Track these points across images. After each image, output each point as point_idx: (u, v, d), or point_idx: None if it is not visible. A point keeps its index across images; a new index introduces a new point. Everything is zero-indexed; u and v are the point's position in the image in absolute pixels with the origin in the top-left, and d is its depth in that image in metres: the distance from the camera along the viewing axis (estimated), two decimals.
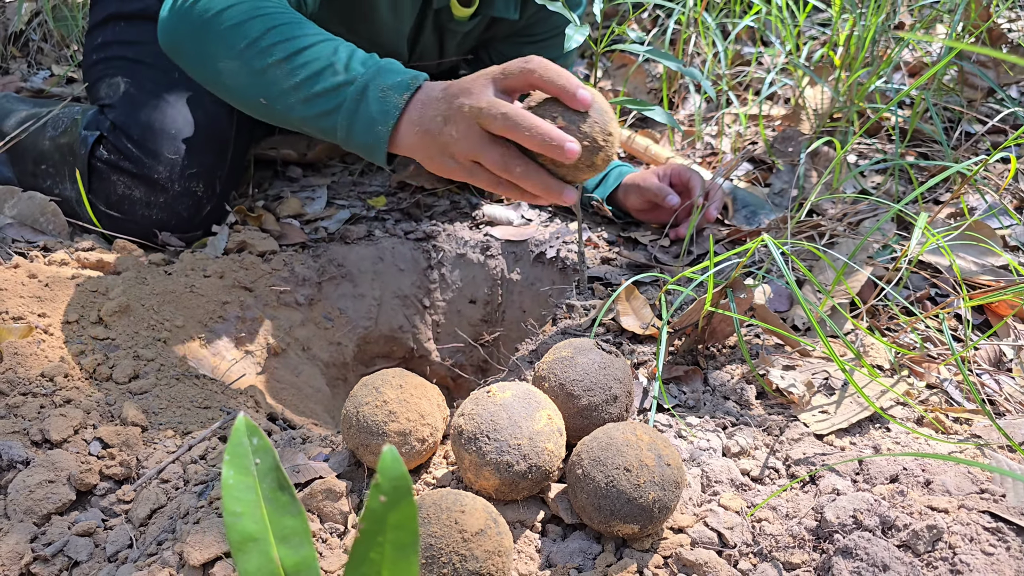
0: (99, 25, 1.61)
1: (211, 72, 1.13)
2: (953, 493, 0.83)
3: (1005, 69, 1.97)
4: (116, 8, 1.58)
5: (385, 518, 0.45)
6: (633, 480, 0.74)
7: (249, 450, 0.52)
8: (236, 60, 1.09)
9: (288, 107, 1.07)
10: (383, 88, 1.01)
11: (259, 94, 1.08)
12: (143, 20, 1.56)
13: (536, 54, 1.61)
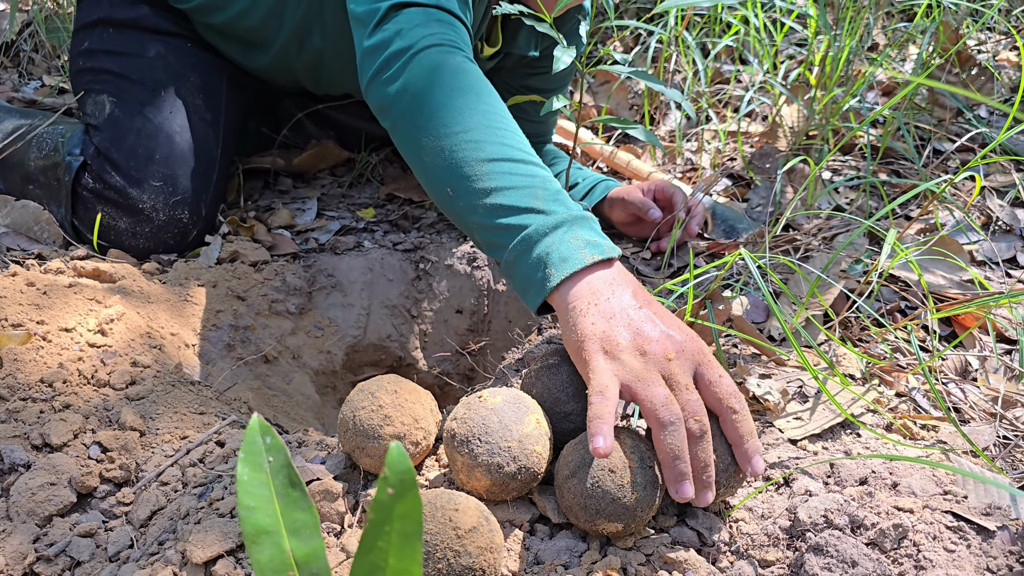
0: (87, 27, 1.60)
1: (414, 145, 1.05)
2: (918, 494, 0.87)
3: (974, 90, 2.04)
4: (106, 13, 1.57)
5: (392, 509, 0.49)
6: (617, 481, 0.78)
7: (263, 448, 0.56)
8: (443, 142, 1.01)
9: (471, 207, 0.98)
10: (577, 236, 0.92)
11: (450, 184, 1.00)
12: (133, 30, 1.56)
13: (540, 85, 1.66)
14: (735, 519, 0.88)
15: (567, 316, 0.89)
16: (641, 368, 0.82)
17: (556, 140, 1.95)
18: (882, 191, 1.60)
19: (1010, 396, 1.13)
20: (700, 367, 0.84)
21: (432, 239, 1.66)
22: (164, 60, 1.52)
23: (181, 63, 1.53)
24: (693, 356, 0.84)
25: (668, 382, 0.82)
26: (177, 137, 1.47)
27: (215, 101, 1.56)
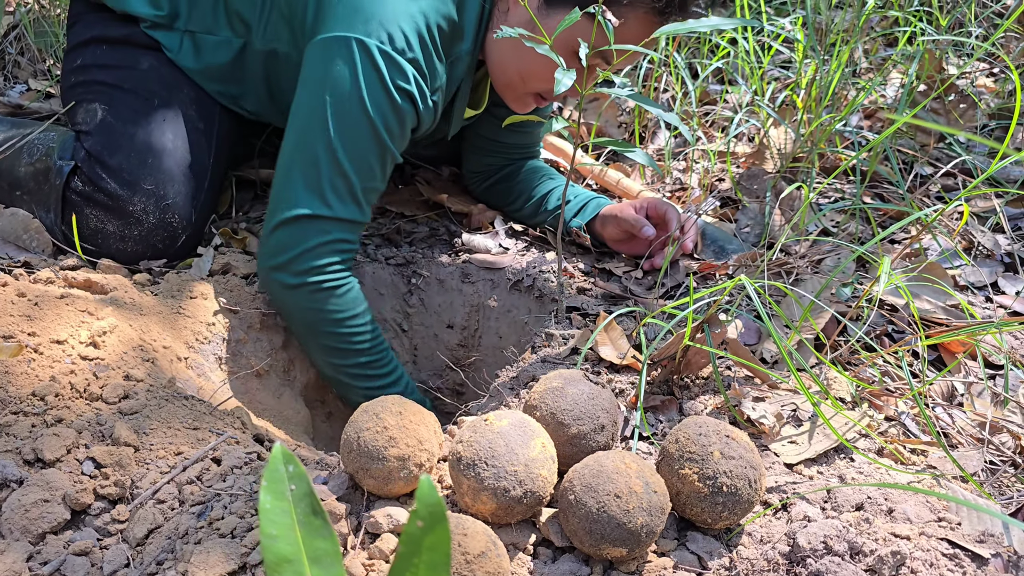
0: (80, 46, 1.60)
1: (304, 341, 1.46)
2: (914, 521, 0.89)
3: (955, 116, 2.08)
4: (100, 32, 1.57)
5: (422, 541, 0.49)
6: (623, 506, 0.79)
7: (285, 477, 0.56)
8: (320, 360, 1.44)
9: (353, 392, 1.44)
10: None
11: (332, 383, 1.50)
12: (126, 46, 1.55)
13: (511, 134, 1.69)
14: (734, 544, 0.89)
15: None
16: None
17: (547, 157, 1.96)
18: (869, 215, 1.63)
19: (996, 421, 1.16)
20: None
21: (424, 253, 1.66)
22: (158, 72, 1.52)
23: (175, 76, 1.52)
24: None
25: None
26: (169, 144, 1.46)
27: (208, 112, 1.55)
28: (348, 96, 1.29)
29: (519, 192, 1.76)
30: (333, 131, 1.29)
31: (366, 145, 1.32)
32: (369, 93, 1.29)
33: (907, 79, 2.06)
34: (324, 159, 1.30)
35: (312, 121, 1.30)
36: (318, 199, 1.32)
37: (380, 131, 1.31)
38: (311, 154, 1.31)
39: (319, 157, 1.30)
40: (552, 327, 1.38)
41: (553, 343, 1.34)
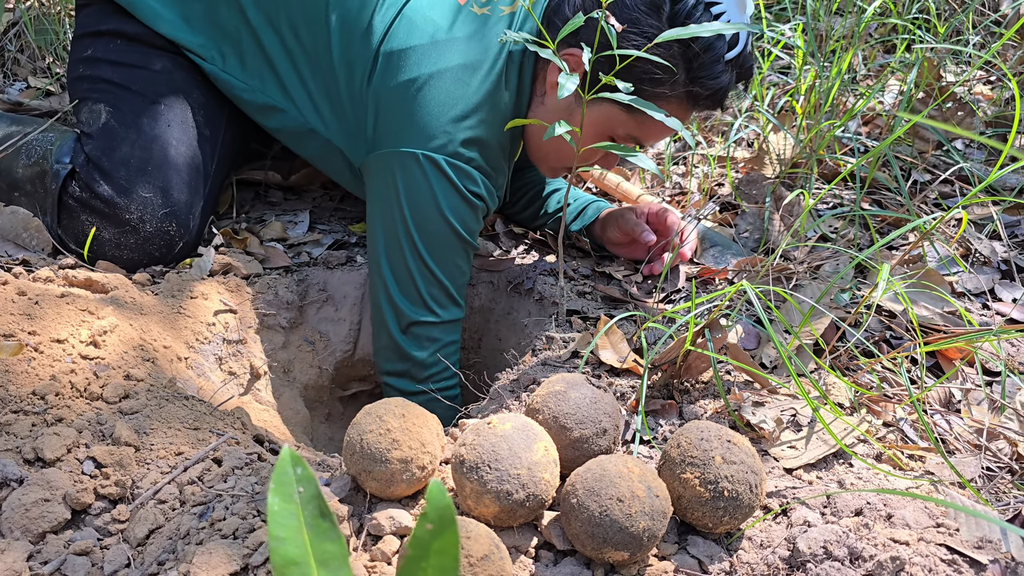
0: (93, 36, 1.56)
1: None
2: (912, 526, 0.90)
3: (953, 124, 2.09)
4: (117, 25, 1.53)
5: (430, 544, 0.50)
6: (625, 510, 0.79)
7: (293, 479, 0.56)
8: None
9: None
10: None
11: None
12: (143, 44, 1.52)
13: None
14: (735, 548, 0.89)
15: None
16: None
17: None
18: (868, 221, 1.64)
19: (993, 428, 1.16)
20: None
21: None
22: (170, 75, 1.50)
23: (187, 80, 1.51)
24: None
25: None
26: (171, 149, 1.46)
27: (215, 118, 1.54)
28: (427, 209, 1.37)
29: (520, 195, 1.76)
30: (420, 244, 1.39)
31: (453, 250, 1.42)
32: (447, 203, 1.37)
33: (905, 86, 2.07)
34: (418, 272, 1.41)
35: (396, 237, 1.40)
36: (423, 309, 1.43)
37: (462, 234, 1.41)
38: (404, 269, 1.41)
39: (413, 271, 1.40)
40: (552, 330, 1.38)
41: (554, 346, 1.35)
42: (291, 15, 1.44)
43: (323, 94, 1.44)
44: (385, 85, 1.35)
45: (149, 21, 1.49)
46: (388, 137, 1.37)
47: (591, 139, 1.40)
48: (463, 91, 1.34)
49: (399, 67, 1.34)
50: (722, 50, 1.30)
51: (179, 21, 1.49)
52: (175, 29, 1.49)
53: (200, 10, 1.48)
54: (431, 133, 1.34)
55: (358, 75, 1.38)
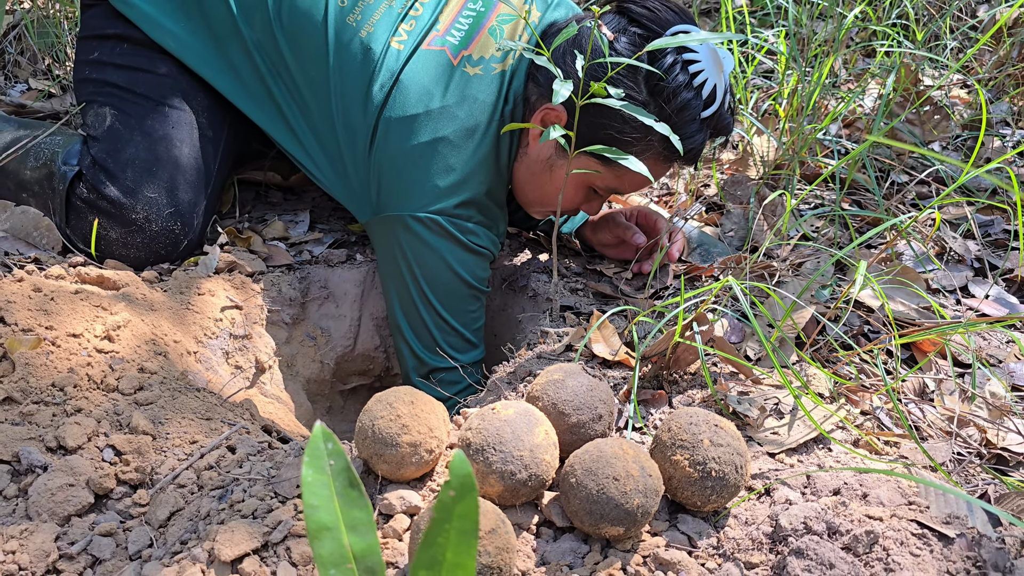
0: (99, 39, 1.59)
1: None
2: (886, 504, 0.96)
3: (930, 127, 2.17)
4: (124, 29, 1.56)
5: (453, 509, 0.56)
6: (621, 488, 0.86)
7: (325, 453, 0.62)
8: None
9: None
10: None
11: None
12: (149, 48, 1.57)
13: None
14: (721, 525, 0.95)
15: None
16: None
17: None
18: (848, 220, 1.71)
19: (964, 416, 1.24)
20: None
21: None
22: (175, 79, 1.54)
23: (191, 84, 1.55)
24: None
25: None
26: (175, 151, 1.51)
27: (218, 120, 1.59)
28: (435, 266, 1.47)
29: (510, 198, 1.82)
30: (433, 299, 1.49)
31: (465, 300, 1.51)
32: (454, 258, 1.46)
33: (884, 90, 2.15)
34: (433, 324, 1.51)
35: (408, 293, 1.50)
36: (442, 357, 1.52)
37: (472, 283, 1.50)
38: (420, 322, 1.51)
39: (429, 323, 1.51)
40: (547, 325, 1.44)
41: (548, 340, 1.41)
42: (295, 77, 1.49)
43: (328, 153, 1.51)
44: (386, 153, 1.42)
45: (159, 39, 1.54)
46: (392, 201, 1.44)
47: (572, 191, 1.48)
48: (460, 156, 1.41)
49: (399, 135, 1.41)
50: (698, 109, 1.36)
51: (188, 41, 1.54)
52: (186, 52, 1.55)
53: (212, 48, 1.54)
54: (432, 197, 1.42)
55: (360, 142, 1.45)
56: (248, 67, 1.52)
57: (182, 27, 1.54)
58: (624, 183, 1.47)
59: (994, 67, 2.56)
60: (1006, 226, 1.95)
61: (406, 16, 1.48)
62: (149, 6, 1.54)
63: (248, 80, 1.53)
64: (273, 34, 1.48)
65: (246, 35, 1.50)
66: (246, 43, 1.50)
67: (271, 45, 1.50)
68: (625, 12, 1.40)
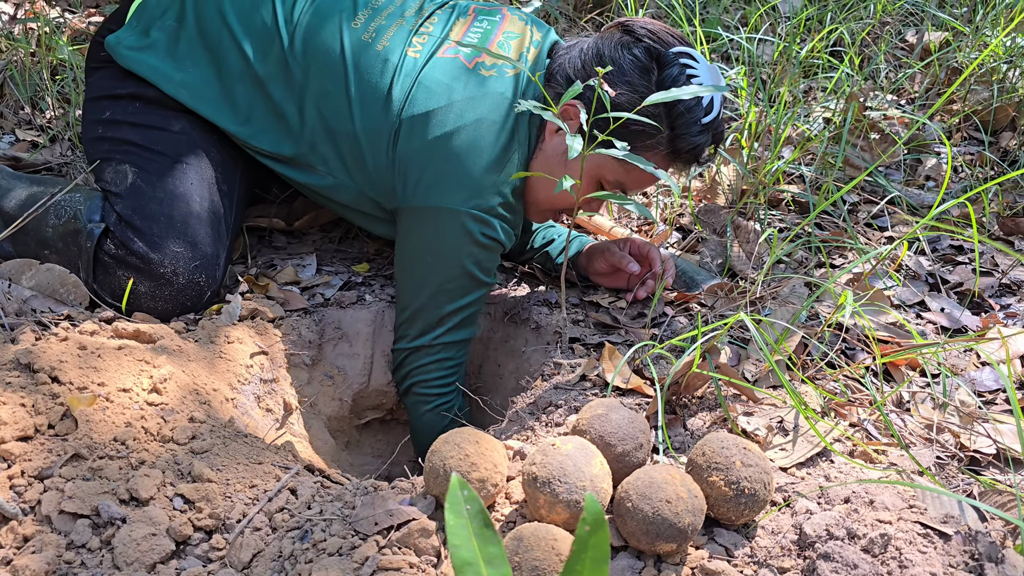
0: (110, 99, 1.66)
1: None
2: (891, 509, 1.11)
3: (878, 152, 2.37)
4: (134, 88, 1.63)
5: (588, 541, 0.67)
6: (673, 509, 0.98)
7: (462, 499, 0.72)
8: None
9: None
10: None
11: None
12: (161, 107, 1.63)
13: None
14: (751, 536, 1.08)
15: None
16: None
17: None
18: (816, 242, 1.87)
19: (940, 423, 1.39)
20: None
21: None
22: (189, 136, 1.62)
23: (204, 140, 1.63)
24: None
25: None
26: (196, 206, 1.58)
27: (231, 175, 1.66)
28: (448, 256, 1.56)
29: None
30: (439, 285, 1.59)
31: (469, 289, 1.60)
32: (465, 251, 1.55)
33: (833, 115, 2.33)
34: (432, 304, 1.61)
35: (421, 279, 1.60)
36: (430, 334, 1.62)
37: (479, 276, 1.60)
38: (423, 303, 1.61)
39: (429, 305, 1.61)
40: (559, 357, 1.56)
41: (562, 371, 1.52)
42: (310, 93, 1.58)
43: (349, 158, 1.59)
44: (410, 147, 1.51)
45: (172, 92, 1.61)
46: (419, 192, 1.52)
47: (584, 185, 1.58)
48: (483, 144, 1.50)
49: (423, 129, 1.50)
50: (700, 114, 1.51)
51: (201, 90, 1.61)
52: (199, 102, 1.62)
53: (222, 93, 1.62)
54: (459, 189, 1.50)
55: (383, 142, 1.54)
56: (260, 99, 1.62)
57: (192, 76, 1.62)
58: (631, 179, 1.58)
59: (925, 90, 2.79)
60: (951, 242, 2.15)
61: (418, 31, 1.61)
62: (157, 60, 1.62)
63: (256, 112, 1.62)
64: (287, 63, 1.59)
65: (259, 71, 1.59)
66: (259, 79, 1.60)
67: (284, 73, 1.59)
68: (630, 32, 1.54)
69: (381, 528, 1.04)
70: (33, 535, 1.08)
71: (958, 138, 2.64)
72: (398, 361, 1.69)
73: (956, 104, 2.69)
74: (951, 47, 2.78)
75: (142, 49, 1.63)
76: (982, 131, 2.55)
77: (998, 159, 2.39)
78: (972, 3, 3.06)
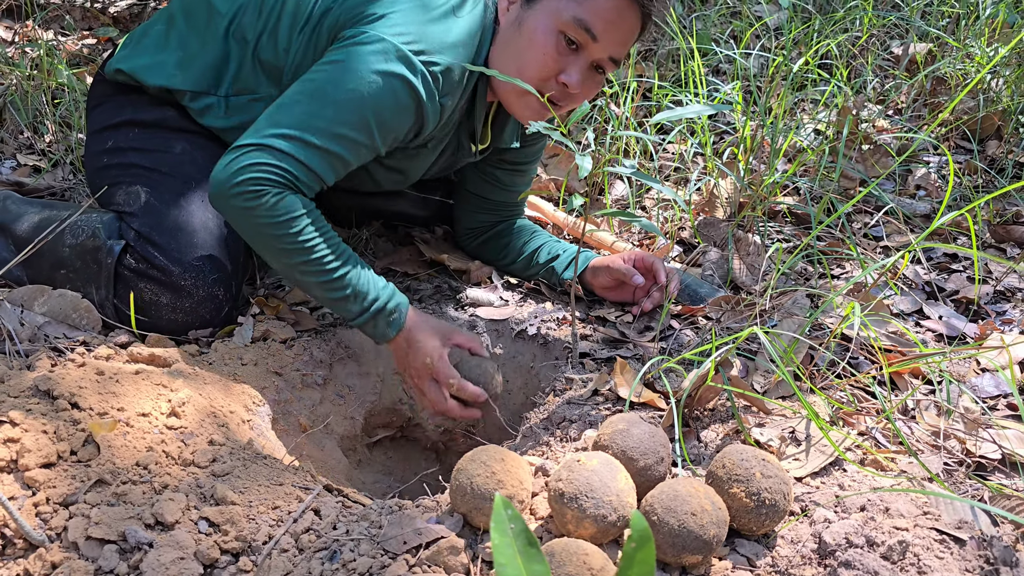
0: (110, 129, 1.70)
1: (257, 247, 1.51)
2: (906, 516, 1.13)
3: (871, 163, 2.41)
4: (131, 115, 1.68)
5: (634, 557, 0.69)
6: (698, 522, 1.00)
7: (506, 519, 0.74)
8: (279, 263, 1.50)
9: (318, 298, 1.55)
10: (391, 311, 1.53)
11: (299, 286, 1.54)
12: (159, 129, 1.67)
13: (513, 157, 1.88)
14: (772, 545, 1.10)
15: (399, 350, 1.59)
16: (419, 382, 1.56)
17: (530, 214, 2.17)
18: (817, 254, 1.91)
19: (946, 430, 1.42)
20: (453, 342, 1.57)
21: (434, 309, 1.84)
22: (191, 156, 1.65)
23: (206, 158, 1.65)
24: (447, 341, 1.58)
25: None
26: (211, 223, 1.60)
27: None
28: (357, 72, 1.45)
29: (510, 248, 1.96)
30: (330, 94, 1.45)
31: (354, 116, 1.46)
32: (373, 89, 1.45)
33: (824, 127, 2.38)
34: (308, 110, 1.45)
35: (318, 81, 1.47)
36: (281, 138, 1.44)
37: (371, 127, 1.48)
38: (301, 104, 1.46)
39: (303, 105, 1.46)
40: (570, 372, 1.58)
41: (574, 386, 1.54)
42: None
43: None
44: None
45: (163, 81, 1.68)
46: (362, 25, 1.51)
47: (543, 38, 1.50)
48: (435, 4, 1.52)
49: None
50: None
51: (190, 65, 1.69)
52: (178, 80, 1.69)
53: (208, 61, 1.69)
54: (404, 30, 1.47)
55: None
56: (233, 45, 1.67)
57: (173, 57, 1.69)
58: (589, 11, 1.48)
59: (912, 100, 2.84)
60: (945, 251, 2.19)
61: None
62: (148, 58, 1.70)
63: (230, 62, 1.67)
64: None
65: (233, 20, 1.67)
66: (234, 30, 1.67)
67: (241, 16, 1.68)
68: None
69: (410, 547, 1.05)
70: (61, 562, 1.09)
71: (946, 147, 2.70)
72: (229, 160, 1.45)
73: (943, 114, 2.74)
74: (936, 59, 2.84)
75: (134, 54, 1.71)
76: (970, 139, 2.60)
77: (986, 167, 2.44)
78: (955, 15, 3.12)
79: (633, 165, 1.40)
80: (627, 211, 1.47)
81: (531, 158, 1.94)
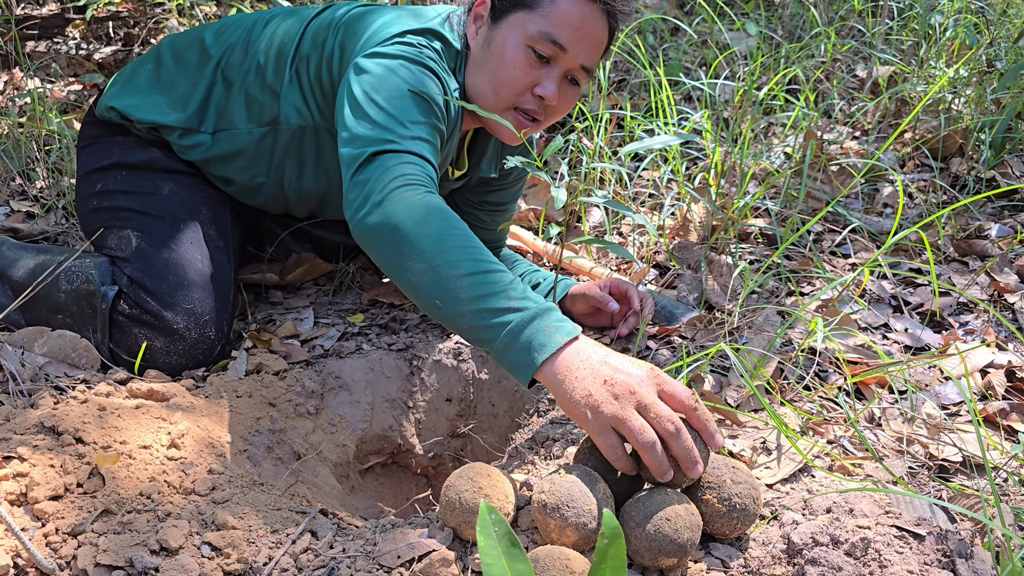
0: (99, 171, 1.78)
1: (400, 268, 1.28)
2: (869, 515, 1.20)
3: (836, 185, 2.51)
4: (119, 157, 1.76)
5: (607, 552, 0.76)
6: (672, 526, 1.07)
7: (490, 522, 0.81)
8: (425, 264, 1.24)
9: (459, 314, 1.22)
10: (548, 324, 1.19)
11: (438, 297, 1.23)
12: (145, 171, 1.75)
13: (496, 198, 1.96)
14: (743, 548, 1.17)
15: (555, 388, 1.17)
16: (618, 409, 1.11)
17: (511, 243, 2.25)
18: (786, 273, 1.99)
19: (910, 436, 1.50)
20: (660, 385, 1.15)
21: (420, 338, 1.91)
22: (178, 196, 1.72)
23: (193, 198, 1.73)
24: (651, 380, 1.15)
25: (640, 408, 1.11)
26: (200, 264, 1.66)
27: (224, 229, 1.76)
28: (384, 70, 1.48)
29: None
30: (377, 93, 1.45)
31: (403, 93, 1.45)
32: (403, 67, 1.49)
33: (793, 151, 2.48)
34: (370, 103, 1.44)
35: (357, 88, 1.47)
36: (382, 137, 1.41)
37: (417, 88, 1.47)
38: (362, 107, 1.44)
39: (369, 105, 1.44)
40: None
41: (556, 407, 1.61)
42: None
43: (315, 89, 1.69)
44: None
45: (153, 117, 1.75)
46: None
47: (512, 53, 1.53)
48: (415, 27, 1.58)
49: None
50: None
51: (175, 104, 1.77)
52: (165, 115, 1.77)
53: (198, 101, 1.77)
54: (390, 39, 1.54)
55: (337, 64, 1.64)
56: (221, 85, 1.76)
57: (164, 96, 1.77)
58: (556, 24, 1.49)
59: (877, 122, 2.96)
60: (911, 265, 2.28)
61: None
62: (134, 96, 1.77)
63: (218, 101, 1.75)
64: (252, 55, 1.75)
65: (224, 66, 1.75)
66: (223, 71, 1.75)
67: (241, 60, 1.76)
68: None
69: (404, 560, 1.11)
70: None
71: (911, 166, 2.80)
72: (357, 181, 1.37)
73: (908, 133, 2.85)
74: (899, 81, 2.96)
75: (125, 92, 1.80)
76: (931, 158, 2.71)
77: (948, 185, 2.54)
78: (916, 38, 3.25)
79: (606, 195, 1.48)
80: (602, 239, 1.55)
81: (511, 197, 2.02)
